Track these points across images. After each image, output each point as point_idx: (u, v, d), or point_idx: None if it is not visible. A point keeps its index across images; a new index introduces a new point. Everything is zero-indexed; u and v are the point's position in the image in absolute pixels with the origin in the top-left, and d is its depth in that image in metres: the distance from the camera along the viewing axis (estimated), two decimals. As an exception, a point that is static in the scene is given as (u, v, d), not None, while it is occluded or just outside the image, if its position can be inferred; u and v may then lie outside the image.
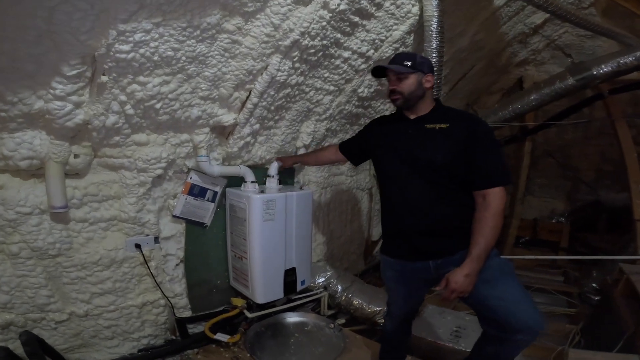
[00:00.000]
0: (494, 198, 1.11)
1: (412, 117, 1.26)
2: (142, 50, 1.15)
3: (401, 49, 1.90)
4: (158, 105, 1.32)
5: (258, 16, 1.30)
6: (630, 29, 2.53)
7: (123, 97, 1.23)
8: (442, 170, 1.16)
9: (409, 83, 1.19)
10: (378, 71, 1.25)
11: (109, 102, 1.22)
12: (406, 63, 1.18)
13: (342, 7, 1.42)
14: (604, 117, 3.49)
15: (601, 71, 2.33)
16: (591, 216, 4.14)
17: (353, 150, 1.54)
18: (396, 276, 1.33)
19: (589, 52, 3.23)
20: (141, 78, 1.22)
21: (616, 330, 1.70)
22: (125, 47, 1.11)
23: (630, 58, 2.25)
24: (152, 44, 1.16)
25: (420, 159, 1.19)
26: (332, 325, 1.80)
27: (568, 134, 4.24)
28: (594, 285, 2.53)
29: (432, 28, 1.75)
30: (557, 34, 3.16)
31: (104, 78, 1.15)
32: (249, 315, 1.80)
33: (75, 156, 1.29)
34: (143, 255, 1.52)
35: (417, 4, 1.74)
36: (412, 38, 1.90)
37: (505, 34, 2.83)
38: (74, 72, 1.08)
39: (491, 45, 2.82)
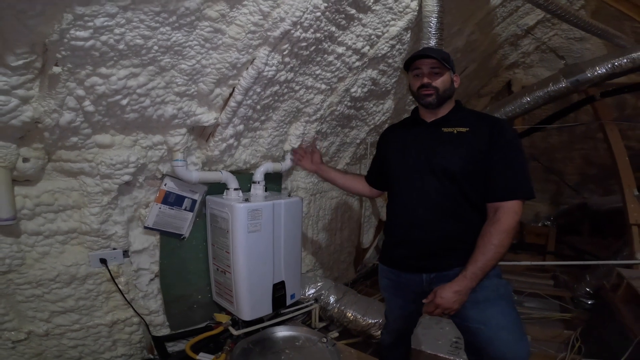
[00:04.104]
0: (506, 212, 0.99)
1: (429, 119, 1.15)
2: (104, 38, 0.98)
3: (397, 47, 1.79)
4: (124, 102, 1.14)
5: (245, 2, 1.16)
6: (618, 31, 2.53)
7: (81, 92, 1.05)
8: (461, 180, 1.04)
9: (445, 79, 1.09)
10: (407, 63, 1.14)
11: (64, 97, 1.03)
12: (442, 57, 1.08)
13: (338, -4, 1.29)
14: (590, 121, 3.53)
15: (595, 73, 2.30)
16: (578, 219, 4.19)
17: (379, 177, 1.38)
18: (391, 285, 1.26)
19: (576, 55, 3.28)
20: (103, 69, 1.04)
21: (620, 337, 1.68)
22: (84, 34, 0.95)
23: (625, 60, 2.22)
24: (117, 31, 0.99)
25: (435, 166, 1.07)
26: (325, 340, 1.69)
27: (553, 138, 4.30)
28: (587, 289, 2.53)
29: (431, 24, 1.67)
30: (547, 37, 3.19)
31: (57, 69, 0.97)
32: (235, 332, 1.66)
33: (25, 160, 1.12)
34: (109, 270, 1.37)
35: (416, -2, 1.63)
36: (409, 35, 1.79)
37: (499, 35, 2.81)
38: (21, 62, 0.92)
39: (484, 46, 2.78)
